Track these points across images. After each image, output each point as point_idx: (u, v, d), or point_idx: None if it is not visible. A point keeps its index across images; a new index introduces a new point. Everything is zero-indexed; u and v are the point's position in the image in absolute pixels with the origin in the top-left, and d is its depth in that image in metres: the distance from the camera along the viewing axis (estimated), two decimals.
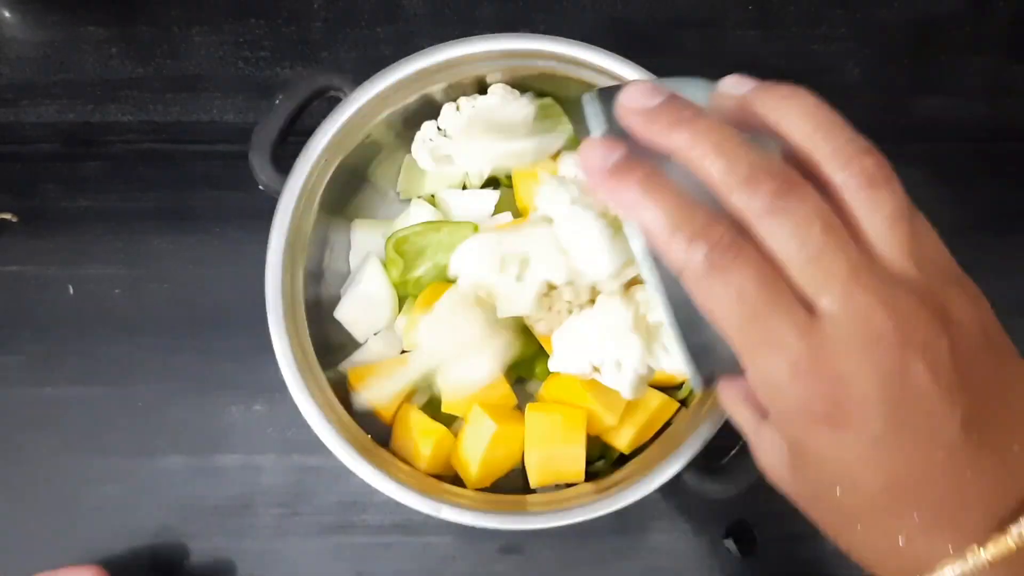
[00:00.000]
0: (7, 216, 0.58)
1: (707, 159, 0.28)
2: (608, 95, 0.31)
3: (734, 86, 0.30)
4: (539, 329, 0.48)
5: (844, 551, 0.32)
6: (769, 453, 0.32)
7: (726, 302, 0.27)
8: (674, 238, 0.27)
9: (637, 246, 0.30)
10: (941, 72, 0.61)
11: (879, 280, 0.27)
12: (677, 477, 0.46)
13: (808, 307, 0.27)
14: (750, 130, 0.29)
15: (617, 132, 0.30)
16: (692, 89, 0.31)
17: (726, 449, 0.48)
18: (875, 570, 0.31)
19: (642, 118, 0.29)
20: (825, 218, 0.27)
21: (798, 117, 0.28)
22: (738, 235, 0.27)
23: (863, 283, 0.27)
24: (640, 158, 0.29)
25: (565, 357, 0.47)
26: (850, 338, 0.27)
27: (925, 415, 0.27)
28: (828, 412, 0.27)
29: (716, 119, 0.29)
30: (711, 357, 0.30)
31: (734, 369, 0.30)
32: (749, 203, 0.27)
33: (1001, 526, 0.28)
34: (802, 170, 0.28)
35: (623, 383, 0.45)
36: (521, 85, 0.52)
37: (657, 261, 0.29)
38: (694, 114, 0.29)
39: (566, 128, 0.53)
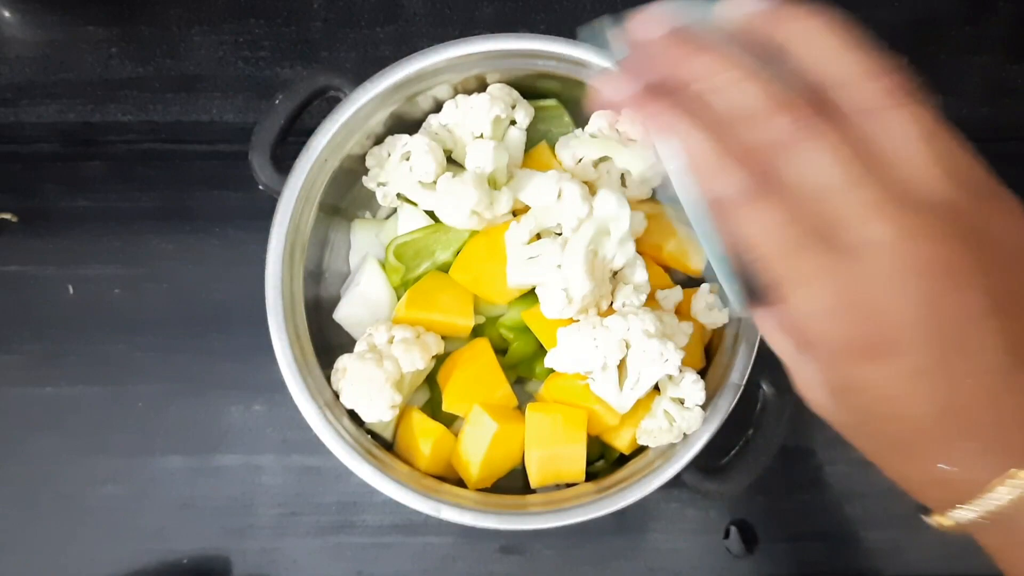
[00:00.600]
0: (7, 216, 0.58)
1: (736, 84, 0.27)
2: (614, 27, 0.30)
3: (744, 3, 0.29)
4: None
5: (890, 478, 0.31)
6: (809, 383, 0.31)
7: (765, 232, 0.27)
8: (716, 163, 0.27)
9: (673, 166, 0.29)
10: (941, 72, 0.61)
11: (917, 206, 0.26)
12: (677, 477, 0.46)
13: (847, 237, 0.27)
14: (760, 52, 0.28)
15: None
16: (695, 4, 0.29)
17: (726, 449, 0.48)
18: (920, 497, 0.30)
19: (659, 45, 0.28)
20: (859, 144, 0.26)
21: (820, 38, 0.28)
22: (777, 163, 0.27)
23: (901, 211, 0.26)
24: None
25: (564, 357, 0.47)
26: (890, 269, 0.26)
27: (968, 343, 0.26)
28: (869, 345, 0.27)
29: (733, 45, 0.28)
30: (753, 279, 0.29)
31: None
32: (782, 130, 0.27)
33: None
34: (824, 96, 0.27)
35: (626, 400, 0.46)
36: (521, 85, 0.52)
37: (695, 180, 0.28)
38: (714, 40, 0.28)
39: (567, 128, 0.54)
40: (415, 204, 0.51)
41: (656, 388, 0.48)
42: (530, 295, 0.49)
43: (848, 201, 0.26)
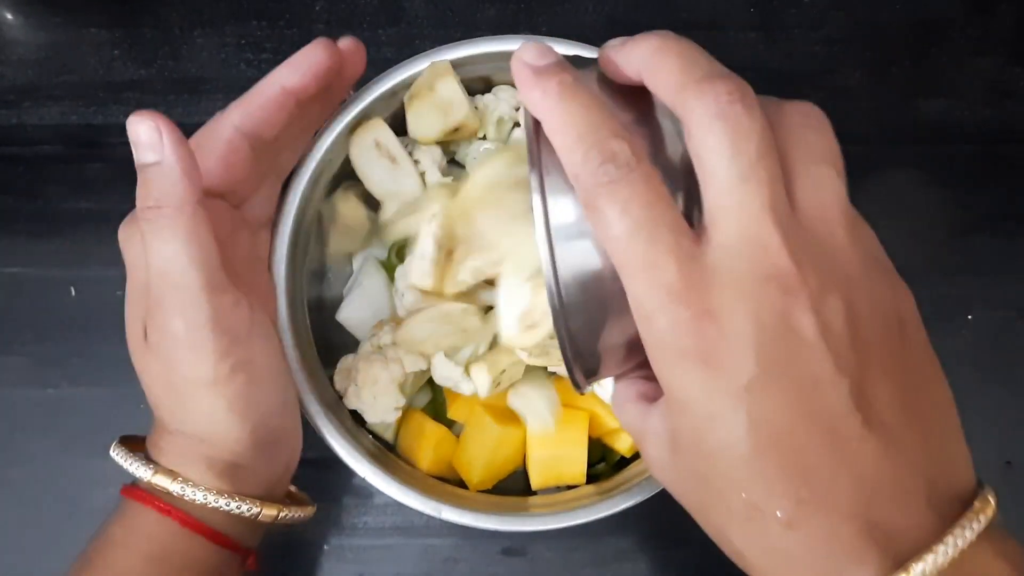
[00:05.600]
0: None
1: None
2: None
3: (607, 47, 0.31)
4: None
5: (733, 558, 0.30)
6: (653, 441, 0.30)
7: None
8: (576, 145, 0.26)
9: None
10: (943, 75, 0.61)
11: (792, 224, 0.26)
12: None
13: (698, 233, 0.26)
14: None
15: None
16: None
17: None
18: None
19: (531, 72, 0.28)
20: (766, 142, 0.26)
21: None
22: (638, 154, 0.26)
23: (771, 219, 0.25)
24: (569, 67, 0.29)
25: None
26: (733, 271, 0.25)
27: (807, 370, 0.25)
28: (697, 346, 0.25)
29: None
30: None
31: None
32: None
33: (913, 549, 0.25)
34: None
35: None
36: None
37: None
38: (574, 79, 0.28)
39: None
40: None
41: None
42: None
43: (725, 198, 0.26)
